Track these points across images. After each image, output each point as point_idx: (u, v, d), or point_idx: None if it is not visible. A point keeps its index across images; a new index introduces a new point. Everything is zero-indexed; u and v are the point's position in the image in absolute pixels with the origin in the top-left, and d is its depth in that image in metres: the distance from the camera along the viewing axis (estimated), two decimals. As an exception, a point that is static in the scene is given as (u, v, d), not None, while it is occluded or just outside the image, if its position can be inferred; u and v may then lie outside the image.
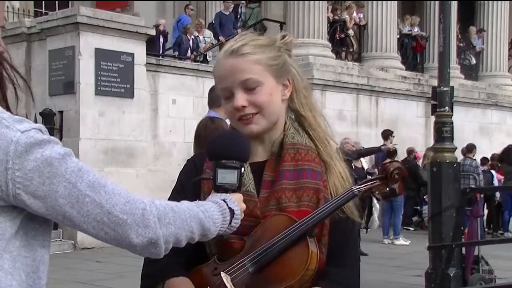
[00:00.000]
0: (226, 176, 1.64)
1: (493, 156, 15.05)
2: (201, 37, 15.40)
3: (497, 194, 13.96)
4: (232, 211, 1.61)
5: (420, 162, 14.67)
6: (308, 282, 1.72)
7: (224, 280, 1.67)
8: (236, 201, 1.64)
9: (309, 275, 1.69)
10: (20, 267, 1.37)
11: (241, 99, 1.75)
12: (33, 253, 1.39)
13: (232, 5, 16.45)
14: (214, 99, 4.67)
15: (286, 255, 1.69)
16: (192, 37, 15.10)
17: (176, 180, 1.91)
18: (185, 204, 1.54)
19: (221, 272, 1.69)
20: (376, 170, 12.87)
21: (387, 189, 1.84)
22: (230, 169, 1.64)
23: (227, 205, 1.61)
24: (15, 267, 1.36)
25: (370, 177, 1.90)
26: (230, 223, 1.61)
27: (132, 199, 1.41)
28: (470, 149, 13.52)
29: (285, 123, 1.85)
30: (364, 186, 1.79)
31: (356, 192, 1.76)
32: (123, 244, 1.42)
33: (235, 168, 1.65)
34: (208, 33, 15.78)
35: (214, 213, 1.57)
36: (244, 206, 1.66)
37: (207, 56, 15.22)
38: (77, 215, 1.36)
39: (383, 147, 13.30)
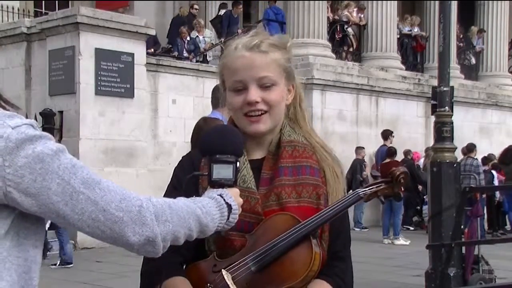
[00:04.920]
0: (222, 171, 1.61)
1: (489, 156, 15.02)
2: (201, 37, 15.36)
3: (497, 194, 13.95)
4: (229, 206, 1.58)
5: (420, 162, 14.69)
6: (309, 282, 1.72)
7: (225, 278, 1.65)
8: (233, 196, 1.60)
9: (312, 276, 1.69)
10: (11, 268, 1.32)
11: (255, 94, 1.77)
12: (25, 253, 1.35)
13: (241, 9, 16.30)
14: (218, 100, 4.64)
15: (289, 255, 1.68)
16: (188, 38, 15.04)
17: (172, 176, 1.88)
18: (182, 201, 1.51)
19: (222, 270, 1.67)
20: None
21: (393, 192, 1.85)
22: (225, 164, 1.62)
23: (224, 200, 1.57)
24: (5, 268, 1.31)
25: (374, 180, 1.92)
26: (228, 218, 1.58)
27: (128, 196, 1.37)
28: (470, 148, 13.51)
29: (282, 123, 1.87)
30: (369, 189, 1.81)
31: (362, 195, 1.78)
32: (120, 243, 1.37)
33: (230, 162, 1.62)
34: (208, 33, 15.72)
35: (212, 209, 1.54)
36: (241, 200, 1.64)
37: (207, 56, 15.19)
38: (71, 213, 1.31)
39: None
